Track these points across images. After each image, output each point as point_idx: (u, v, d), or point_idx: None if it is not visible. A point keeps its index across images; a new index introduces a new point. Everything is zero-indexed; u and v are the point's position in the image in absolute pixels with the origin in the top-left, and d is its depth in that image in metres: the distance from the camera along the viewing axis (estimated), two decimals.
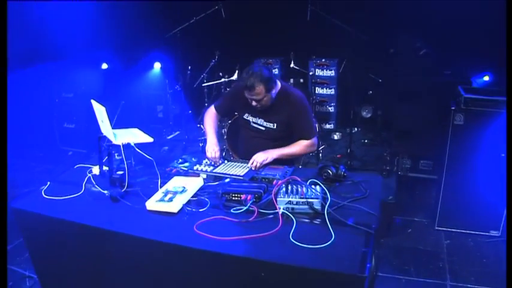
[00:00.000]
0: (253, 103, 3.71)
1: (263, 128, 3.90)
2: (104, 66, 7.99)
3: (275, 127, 3.85)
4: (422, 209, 5.41)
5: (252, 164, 3.58)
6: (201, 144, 6.95)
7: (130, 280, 2.92)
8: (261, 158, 3.61)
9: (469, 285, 4.07)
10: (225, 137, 5.57)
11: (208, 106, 6.83)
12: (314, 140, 3.92)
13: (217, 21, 7.08)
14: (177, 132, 8.00)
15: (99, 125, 3.52)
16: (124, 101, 7.36)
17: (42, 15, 7.27)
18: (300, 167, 5.97)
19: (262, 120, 3.88)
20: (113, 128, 3.51)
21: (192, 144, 7.39)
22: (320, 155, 6.52)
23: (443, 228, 4.94)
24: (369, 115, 7.48)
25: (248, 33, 7.77)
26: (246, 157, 3.75)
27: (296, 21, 7.00)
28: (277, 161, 3.71)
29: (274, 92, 3.73)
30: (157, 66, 8.11)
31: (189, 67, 7.35)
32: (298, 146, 3.87)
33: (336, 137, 7.53)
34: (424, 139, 5.88)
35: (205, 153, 3.80)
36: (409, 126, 6.06)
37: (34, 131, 7.72)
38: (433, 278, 4.20)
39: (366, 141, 7.22)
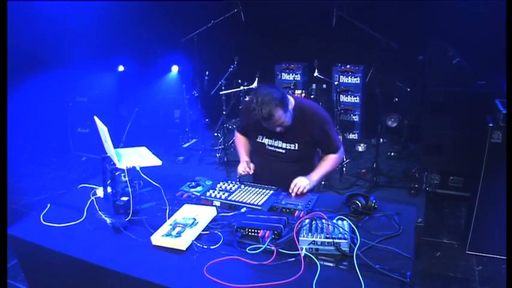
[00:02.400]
0: (278, 129, 3.36)
1: (283, 151, 3.55)
2: (121, 68, 7.89)
3: (297, 148, 3.51)
4: (451, 229, 5.13)
5: (292, 190, 3.27)
6: (218, 155, 6.66)
7: None
8: (304, 182, 3.30)
9: None
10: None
11: (226, 115, 6.69)
12: (341, 150, 3.67)
13: (237, 24, 6.81)
14: (194, 140, 7.77)
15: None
16: (138, 108, 7.19)
17: (58, 18, 7.19)
18: (323, 182, 5.71)
19: (281, 142, 3.54)
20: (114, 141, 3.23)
21: (208, 154, 7.15)
22: (344, 169, 6.24)
23: (475, 253, 4.63)
24: (395, 124, 7.17)
25: (269, 38, 7.53)
26: (267, 183, 3.45)
27: (320, 27, 6.72)
28: (299, 172, 3.43)
29: (291, 108, 3.38)
30: (175, 69, 7.92)
31: (207, 72, 7.07)
32: (329, 162, 3.62)
33: (360, 149, 7.22)
34: (454, 154, 5.57)
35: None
36: (439, 140, 5.71)
37: (47, 136, 7.69)
38: None
39: (392, 154, 6.87)
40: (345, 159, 6.34)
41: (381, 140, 6.91)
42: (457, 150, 5.52)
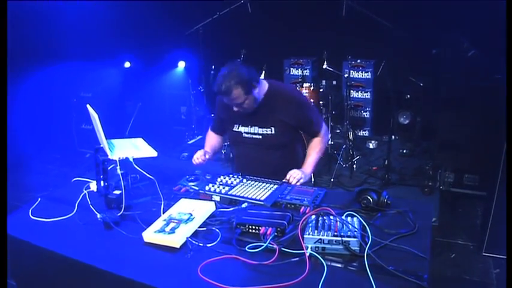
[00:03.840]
0: (235, 108, 3.29)
1: (259, 137, 3.45)
2: (127, 64, 7.81)
3: (273, 132, 3.40)
4: (466, 230, 4.94)
5: (289, 178, 3.21)
6: (223, 151, 6.48)
7: None
8: (298, 174, 3.23)
9: None
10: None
11: None
12: (324, 130, 3.58)
13: (243, 16, 6.62)
14: (199, 137, 7.61)
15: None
16: (141, 103, 7.05)
17: (62, 13, 7.15)
18: (332, 180, 5.52)
19: (257, 128, 3.44)
20: (117, 137, 3.19)
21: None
22: (354, 166, 6.07)
23: (493, 255, 4.42)
24: (407, 121, 6.95)
25: (277, 31, 7.39)
26: (254, 174, 3.30)
27: (330, 18, 6.55)
28: (280, 160, 3.46)
29: (257, 92, 3.28)
30: (181, 65, 7.79)
31: (213, 66, 6.91)
32: (316, 147, 3.56)
33: (371, 146, 7.02)
34: (469, 150, 5.43)
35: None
36: (453, 136, 5.59)
37: (51, 132, 7.63)
38: None
39: (405, 151, 6.67)
40: (355, 155, 6.18)
41: (393, 137, 6.72)
42: (472, 147, 5.37)
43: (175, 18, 7.42)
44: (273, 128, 3.39)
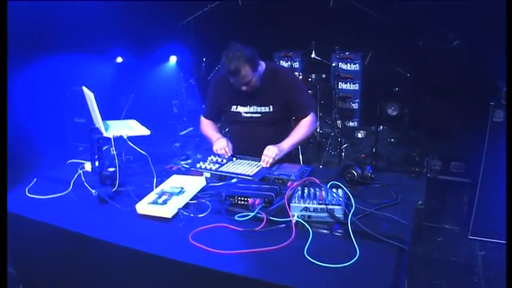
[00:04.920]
0: (243, 88, 3.36)
1: (259, 115, 3.52)
2: (119, 59, 7.78)
3: (272, 109, 3.49)
4: (453, 215, 5.01)
5: (263, 161, 3.18)
6: None
7: None
8: (273, 152, 3.21)
9: None
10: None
11: None
12: (312, 115, 3.61)
13: (234, 9, 6.69)
14: (191, 128, 7.64)
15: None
16: (134, 94, 7.06)
17: (53, 7, 7.08)
18: (321, 166, 5.60)
19: (256, 107, 3.52)
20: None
21: (206, 141, 6.98)
22: (343, 154, 6.14)
23: (478, 238, 4.51)
24: (395, 113, 7.02)
25: (267, 24, 7.38)
26: (248, 153, 3.39)
27: (318, 10, 6.56)
28: (274, 135, 3.47)
29: (260, 69, 3.40)
30: (173, 59, 7.80)
31: (204, 59, 6.97)
32: (302, 129, 3.55)
33: (360, 135, 7.08)
34: (456, 139, 5.54)
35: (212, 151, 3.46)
36: (440, 125, 5.72)
37: (44, 126, 7.54)
38: None
39: (393, 140, 6.75)
40: (343, 143, 6.28)
41: (381, 127, 6.82)
42: (458, 135, 5.47)
43: (166, 12, 7.42)
44: (271, 106, 3.48)
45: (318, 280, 1.94)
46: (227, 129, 4.75)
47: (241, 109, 3.56)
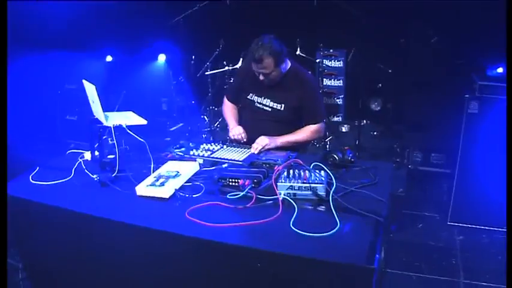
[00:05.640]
0: (261, 77, 3.49)
1: (269, 109, 3.67)
2: (109, 58, 7.82)
3: (282, 108, 3.63)
4: (433, 203, 5.20)
5: (253, 147, 3.38)
6: (204, 136, 6.76)
7: (117, 267, 2.71)
8: (264, 141, 3.40)
9: (483, 283, 3.83)
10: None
11: (212, 95, 6.78)
12: (322, 125, 3.73)
13: (222, 8, 6.88)
14: (181, 124, 7.78)
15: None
16: (125, 91, 7.17)
17: (45, 4, 7.10)
18: None
19: (269, 100, 3.65)
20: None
21: (195, 135, 7.17)
22: (327, 146, 6.31)
23: (456, 224, 4.72)
24: (378, 108, 7.22)
25: (254, 22, 7.45)
26: (250, 141, 3.55)
27: (303, 9, 6.78)
28: (281, 148, 3.50)
29: (283, 67, 3.53)
30: (161, 58, 7.88)
31: (193, 57, 7.13)
32: (304, 133, 3.68)
33: (344, 129, 7.26)
34: (436, 132, 5.70)
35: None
36: (420, 118, 5.87)
37: (36, 123, 7.58)
38: (446, 276, 3.96)
39: (376, 133, 6.96)
40: (328, 136, 6.42)
41: (365, 121, 7.02)
42: (438, 127, 5.62)
43: (156, 11, 7.51)
44: (283, 105, 3.61)
45: (302, 247, 2.17)
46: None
47: (255, 98, 3.70)
